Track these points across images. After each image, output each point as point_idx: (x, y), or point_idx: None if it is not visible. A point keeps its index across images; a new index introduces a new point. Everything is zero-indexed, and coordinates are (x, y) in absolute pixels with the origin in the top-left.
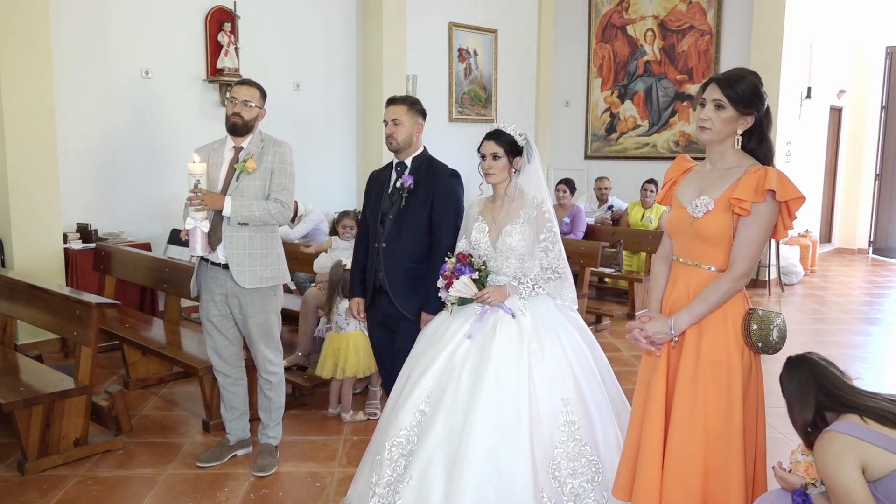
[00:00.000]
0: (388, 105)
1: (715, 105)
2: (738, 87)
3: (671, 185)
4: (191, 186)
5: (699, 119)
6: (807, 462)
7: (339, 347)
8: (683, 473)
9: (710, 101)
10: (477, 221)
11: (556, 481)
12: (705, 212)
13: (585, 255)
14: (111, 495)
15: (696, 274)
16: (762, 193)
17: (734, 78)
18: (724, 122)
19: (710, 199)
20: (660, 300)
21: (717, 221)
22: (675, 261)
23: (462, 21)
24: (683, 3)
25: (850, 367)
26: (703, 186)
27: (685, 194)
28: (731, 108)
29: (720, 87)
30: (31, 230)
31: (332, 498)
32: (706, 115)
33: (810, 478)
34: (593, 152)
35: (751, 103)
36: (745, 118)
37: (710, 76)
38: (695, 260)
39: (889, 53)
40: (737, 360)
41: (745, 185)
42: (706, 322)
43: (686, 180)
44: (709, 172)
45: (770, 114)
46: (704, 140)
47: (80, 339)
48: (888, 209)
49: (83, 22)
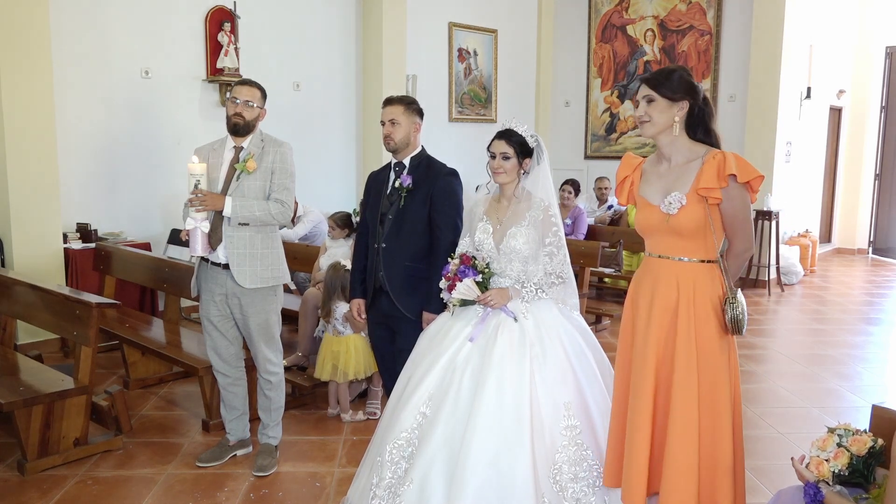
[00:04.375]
0: (385, 105)
1: (646, 100)
2: (665, 80)
3: (630, 184)
4: (191, 187)
5: (637, 118)
6: (818, 459)
7: (339, 350)
8: (684, 462)
9: (641, 98)
10: (481, 221)
11: (558, 485)
12: (680, 207)
13: (585, 255)
14: (111, 495)
15: (681, 267)
16: (724, 179)
17: (660, 73)
18: (658, 112)
19: (681, 195)
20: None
21: (692, 214)
22: (653, 257)
23: (462, 21)
24: (683, 3)
25: (850, 367)
26: (668, 184)
27: (651, 194)
28: (661, 99)
29: (647, 84)
30: (31, 230)
31: (332, 498)
32: (641, 111)
33: (821, 475)
34: (593, 152)
35: (678, 90)
36: (678, 104)
37: (709, 73)
38: (675, 254)
39: (889, 53)
40: (726, 348)
41: (708, 174)
42: (698, 313)
43: (646, 180)
44: (668, 170)
45: (710, 104)
46: (648, 134)
47: (80, 339)
48: (888, 209)
49: (83, 22)
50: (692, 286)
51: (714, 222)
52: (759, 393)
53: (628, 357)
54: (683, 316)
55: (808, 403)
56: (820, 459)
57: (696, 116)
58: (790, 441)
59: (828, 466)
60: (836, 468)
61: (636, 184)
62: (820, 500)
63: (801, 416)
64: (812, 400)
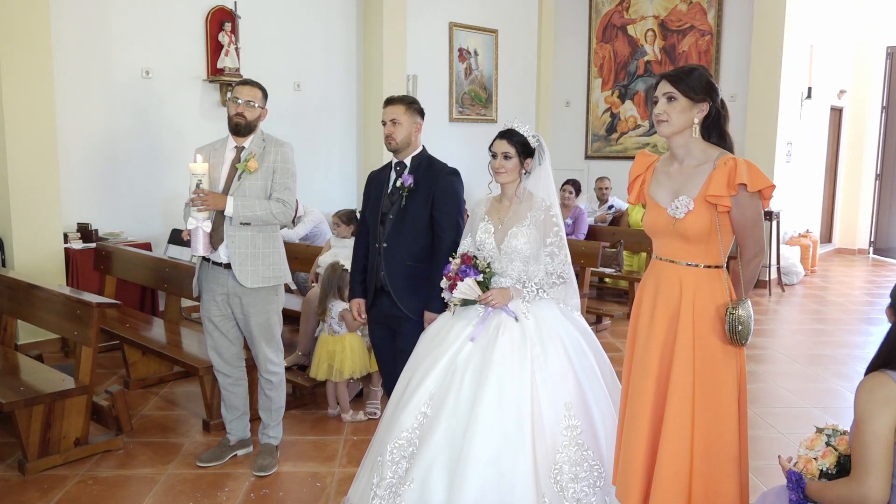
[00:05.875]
0: (386, 105)
1: (667, 98)
2: (687, 78)
3: (641, 183)
4: (192, 186)
5: (654, 115)
6: (806, 458)
7: (335, 350)
8: (671, 468)
9: (661, 95)
10: (483, 221)
11: (558, 486)
12: (687, 212)
13: (586, 255)
14: (111, 495)
15: (685, 271)
16: (734, 187)
17: (683, 71)
18: (678, 112)
19: (689, 200)
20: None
21: (699, 219)
22: (659, 260)
23: (462, 21)
24: (684, 3)
25: (850, 367)
26: (678, 186)
27: (661, 195)
28: (683, 98)
29: (670, 81)
30: (32, 230)
31: (332, 498)
32: (660, 109)
33: (808, 473)
34: (594, 152)
35: (700, 90)
36: (699, 106)
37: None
38: (680, 258)
39: (889, 53)
40: (732, 353)
41: (718, 181)
42: (699, 318)
43: (657, 180)
44: (679, 171)
45: (726, 107)
46: (664, 134)
47: (80, 339)
48: (888, 209)
49: (83, 22)
50: (694, 291)
51: (722, 228)
52: (759, 393)
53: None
54: (684, 321)
55: (808, 403)
56: (808, 458)
57: (712, 118)
58: (790, 441)
59: (816, 465)
60: (823, 466)
61: (647, 183)
62: (802, 486)
63: (802, 416)
64: (812, 400)
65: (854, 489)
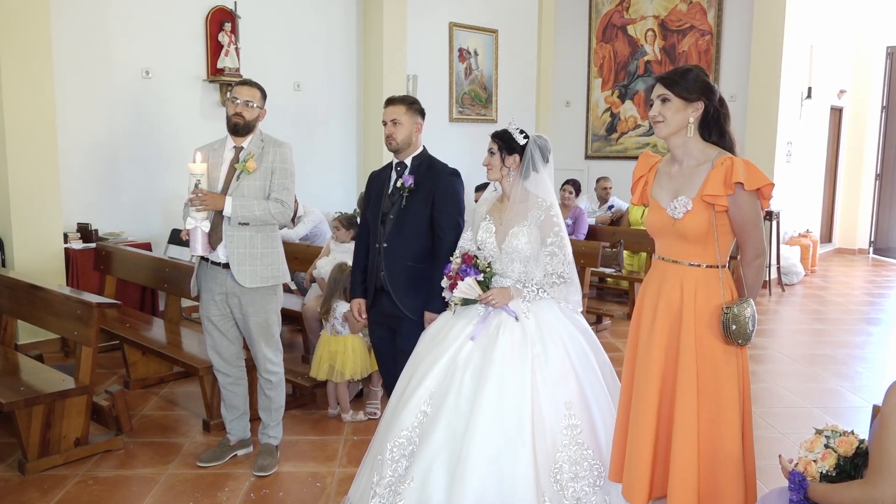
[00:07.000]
0: (387, 105)
1: (661, 100)
2: (681, 80)
3: (644, 184)
4: (191, 186)
5: (651, 117)
6: (806, 460)
7: (336, 350)
8: (683, 468)
9: (656, 98)
10: (484, 220)
11: (558, 485)
12: (685, 212)
13: (586, 255)
14: (111, 495)
15: (686, 271)
16: (731, 186)
17: (676, 73)
18: (673, 113)
19: (687, 200)
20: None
21: (698, 219)
22: (661, 260)
23: (462, 21)
24: (684, 3)
25: (850, 367)
26: (678, 187)
27: (662, 196)
28: (676, 99)
29: (663, 83)
30: (32, 230)
31: (332, 498)
32: (655, 111)
33: (809, 475)
34: (594, 152)
35: (694, 90)
36: (693, 105)
37: (710, 73)
38: (681, 258)
39: (889, 53)
40: (733, 353)
41: (715, 180)
42: (701, 318)
43: (658, 181)
44: (679, 172)
45: (726, 106)
46: (661, 135)
47: (80, 339)
48: (888, 209)
49: (83, 22)
50: (695, 291)
51: (720, 228)
52: (759, 393)
53: (635, 356)
54: (686, 320)
55: (808, 403)
56: (808, 460)
57: (710, 117)
58: (790, 441)
59: (815, 467)
60: (823, 469)
61: (650, 184)
62: (805, 487)
63: (802, 416)
64: (812, 400)
65: (868, 492)
